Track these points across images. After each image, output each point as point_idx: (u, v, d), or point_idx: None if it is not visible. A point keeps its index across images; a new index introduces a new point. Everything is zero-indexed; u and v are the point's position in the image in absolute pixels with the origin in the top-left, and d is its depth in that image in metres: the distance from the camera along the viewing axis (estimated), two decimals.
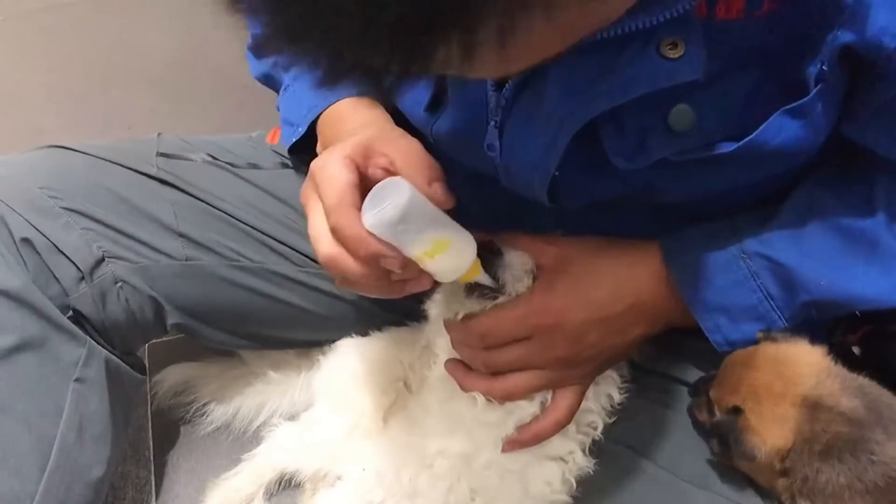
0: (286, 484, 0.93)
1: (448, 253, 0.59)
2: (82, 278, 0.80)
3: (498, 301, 0.66)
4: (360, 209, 0.59)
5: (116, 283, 0.82)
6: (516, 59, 0.39)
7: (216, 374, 1.02)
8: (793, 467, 0.58)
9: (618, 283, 0.67)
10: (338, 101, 0.78)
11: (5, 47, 1.17)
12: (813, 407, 0.59)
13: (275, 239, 0.87)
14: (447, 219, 0.60)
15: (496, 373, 0.69)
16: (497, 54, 0.37)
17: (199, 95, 1.33)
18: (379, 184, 0.58)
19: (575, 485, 0.71)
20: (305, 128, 0.80)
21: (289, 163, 0.91)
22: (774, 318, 0.64)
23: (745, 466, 0.64)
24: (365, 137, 0.65)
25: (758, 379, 0.61)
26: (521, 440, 0.70)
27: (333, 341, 0.93)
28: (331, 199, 0.60)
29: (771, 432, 0.59)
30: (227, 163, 0.89)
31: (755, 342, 0.64)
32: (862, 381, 0.61)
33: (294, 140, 0.82)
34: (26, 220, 0.78)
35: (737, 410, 0.61)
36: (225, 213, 0.86)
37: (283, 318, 0.90)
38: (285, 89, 0.86)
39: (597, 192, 0.67)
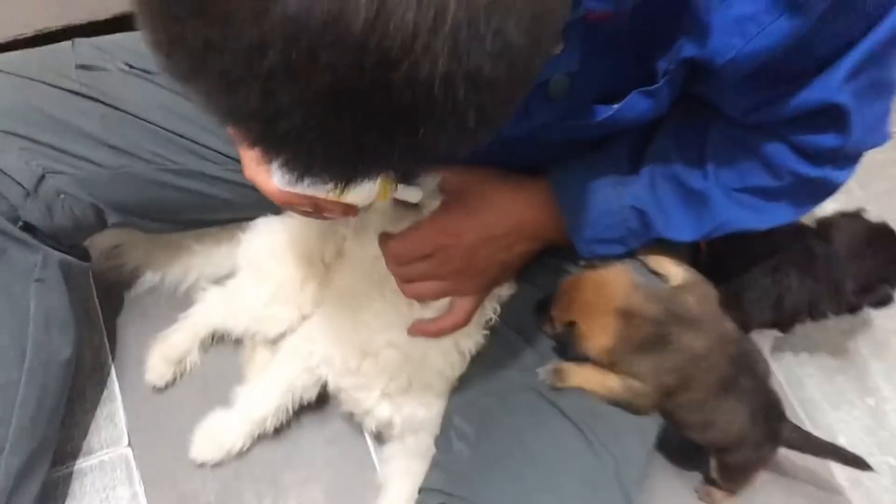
0: (219, 339, 1.11)
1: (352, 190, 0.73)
2: (28, 195, 0.89)
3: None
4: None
5: (59, 195, 0.91)
6: None
7: (143, 240, 1.14)
8: (618, 360, 0.82)
9: (504, 208, 0.85)
10: None
11: None
12: (626, 315, 0.81)
13: (194, 141, 0.96)
14: None
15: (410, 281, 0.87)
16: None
17: None
18: None
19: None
20: None
21: None
22: (632, 244, 0.86)
23: (575, 370, 0.86)
24: None
25: (584, 299, 0.83)
26: (426, 329, 0.89)
27: (252, 219, 1.08)
28: (245, 156, 0.76)
29: (598, 338, 0.82)
30: (142, 69, 0.96)
31: (585, 266, 0.87)
32: (661, 290, 0.84)
33: None
34: None
35: (572, 324, 0.83)
36: (147, 121, 0.94)
37: (209, 208, 1.02)
38: None
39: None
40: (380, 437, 1.08)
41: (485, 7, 0.38)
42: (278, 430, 1.07)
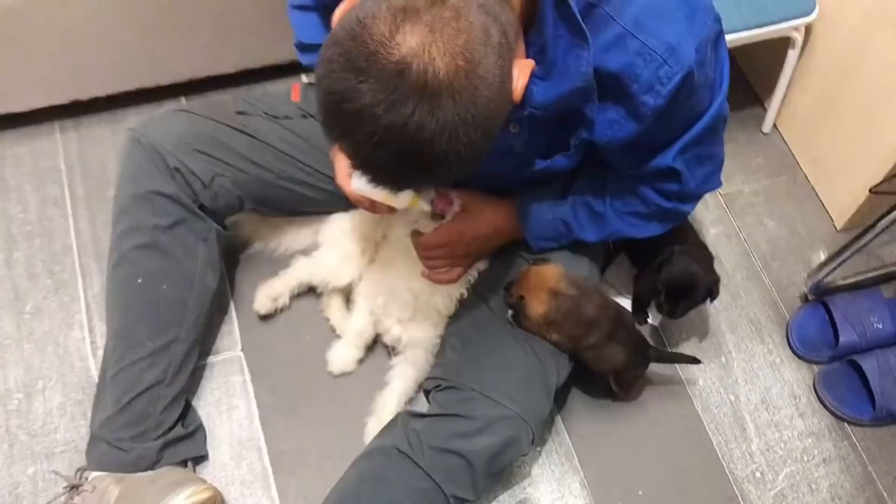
0: (304, 290, 1.71)
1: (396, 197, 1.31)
2: (205, 187, 1.49)
3: (444, 220, 1.44)
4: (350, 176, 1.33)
5: (221, 188, 1.51)
6: None
7: (254, 220, 1.73)
8: (552, 321, 1.40)
9: (488, 218, 1.45)
10: None
11: None
12: (554, 294, 1.40)
13: (302, 162, 1.56)
14: None
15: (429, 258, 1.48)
16: None
17: None
18: None
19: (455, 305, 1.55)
20: None
21: (307, 114, 1.59)
22: (562, 241, 1.47)
23: (525, 322, 1.44)
24: None
25: (530, 283, 1.42)
26: (432, 278, 1.50)
27: (330, 212, 1.68)
28: (335, 170, 1.37)
29: (537, 307, 1.40)
30: (273, 116, 1.56)
31: (532, 264, 1.46)
32: (577, 277, 1.43)
33: None
34: (175, 156, 1.45)
35: (522, 297, 1.41)
36: (275, 148, 1.54)
37: (305, 203, 1.62)
38: None
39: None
40: (392, 352, 1.66)
41: (460, 126, 0.91)
42: None
